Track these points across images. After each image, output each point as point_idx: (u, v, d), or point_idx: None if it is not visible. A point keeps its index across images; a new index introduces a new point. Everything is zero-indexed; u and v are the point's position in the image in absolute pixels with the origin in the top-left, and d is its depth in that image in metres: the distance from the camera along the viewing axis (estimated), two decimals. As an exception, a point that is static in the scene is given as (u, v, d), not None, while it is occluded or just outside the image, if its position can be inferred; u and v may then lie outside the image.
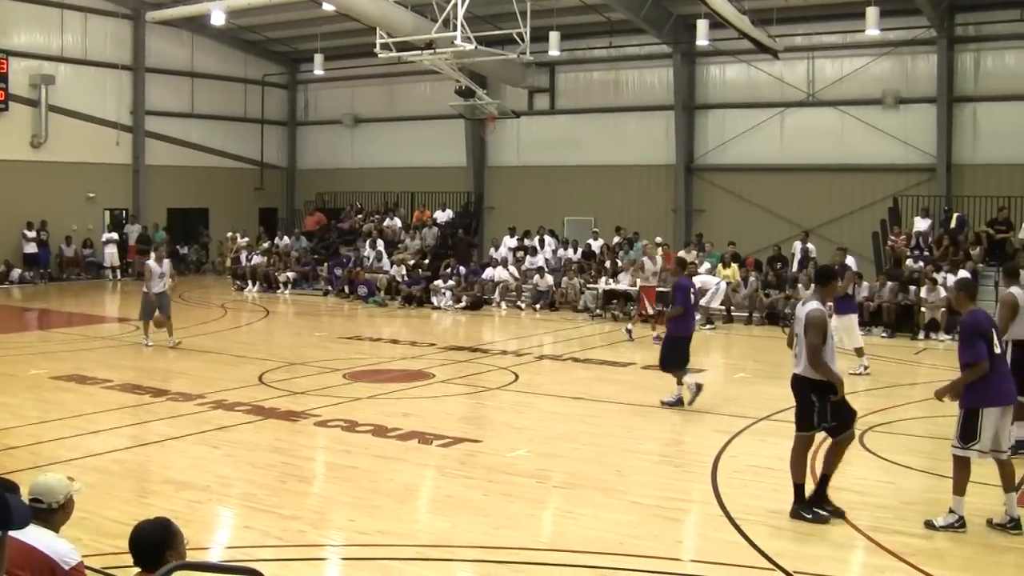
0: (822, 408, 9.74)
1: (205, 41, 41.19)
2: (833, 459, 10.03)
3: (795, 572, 8.22)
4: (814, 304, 9.82)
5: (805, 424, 9.91)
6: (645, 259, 24.12)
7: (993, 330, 9.67)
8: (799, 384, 9.93)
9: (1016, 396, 9.94)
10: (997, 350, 9.62)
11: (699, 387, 15.37)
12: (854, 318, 19.00)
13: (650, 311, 22.73)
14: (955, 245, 26.98)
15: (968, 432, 9.47)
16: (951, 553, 8.86)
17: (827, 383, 9.66)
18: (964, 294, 10.22)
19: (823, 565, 8.46)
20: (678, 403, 15.36)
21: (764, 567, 8.41)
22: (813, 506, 9.79)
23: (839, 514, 9.77)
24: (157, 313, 20.89)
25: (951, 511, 9.48)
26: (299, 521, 9.57)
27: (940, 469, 11.72)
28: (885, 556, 8.74)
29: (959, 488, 9.53)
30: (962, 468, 9.57)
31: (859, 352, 18.65)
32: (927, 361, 21.31)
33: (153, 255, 22.12)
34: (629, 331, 22.87)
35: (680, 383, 15.43)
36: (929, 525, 9.41)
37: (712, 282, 26.51)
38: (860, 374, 18.11)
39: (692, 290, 16.26)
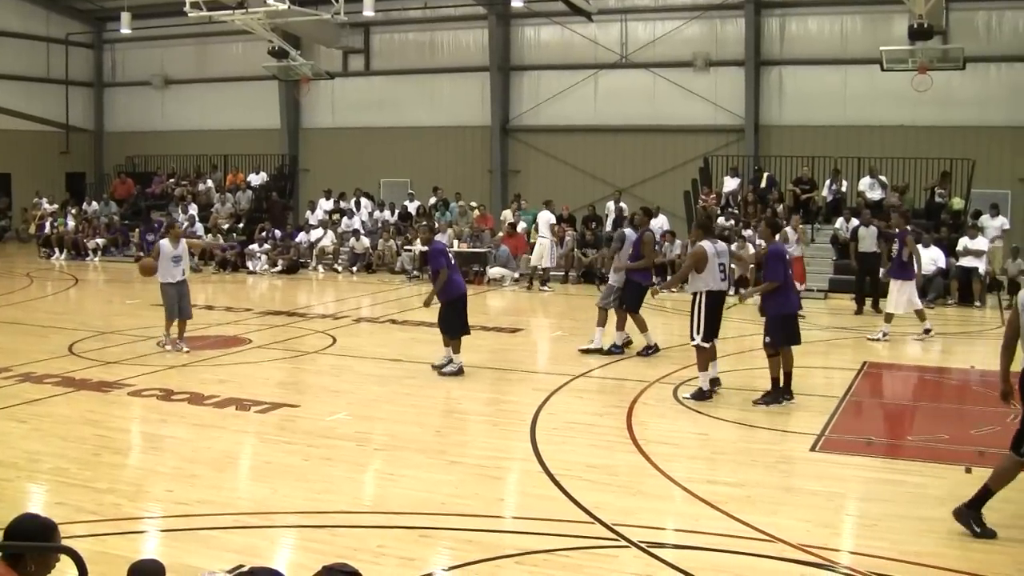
0: None
1: (2, -4, 39.37)
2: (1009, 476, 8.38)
3: (614, 524, 8.38)
4: None
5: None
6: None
7: None
8: None
9: None
10: None
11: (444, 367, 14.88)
12: (912, 284, 18.32)
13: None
14: (763, 203, 27.83)
15: None
16: (761, 499, 9.16)
17: None
18: None
19: (640, 516, 8.65)
20: (460, 372, 14.77)
21: (584, 520, 8.55)
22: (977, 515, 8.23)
23: (990, 535, 8.18)
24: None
25: None
26: (114, 494, 9.31)
27: (749, 420, 12.18)
28: (699, 505, 8.99)
29: None
30: None
31: (888, 318, 18.32)
32: (735, 316, 21.91)
33: (169, 233, 17.48)
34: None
35: (455, 349, 14.91)
36: None
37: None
38: (878, 340, 18.01)
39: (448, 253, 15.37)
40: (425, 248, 17.48)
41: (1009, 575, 7.39)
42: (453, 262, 15.26)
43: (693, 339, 13.24)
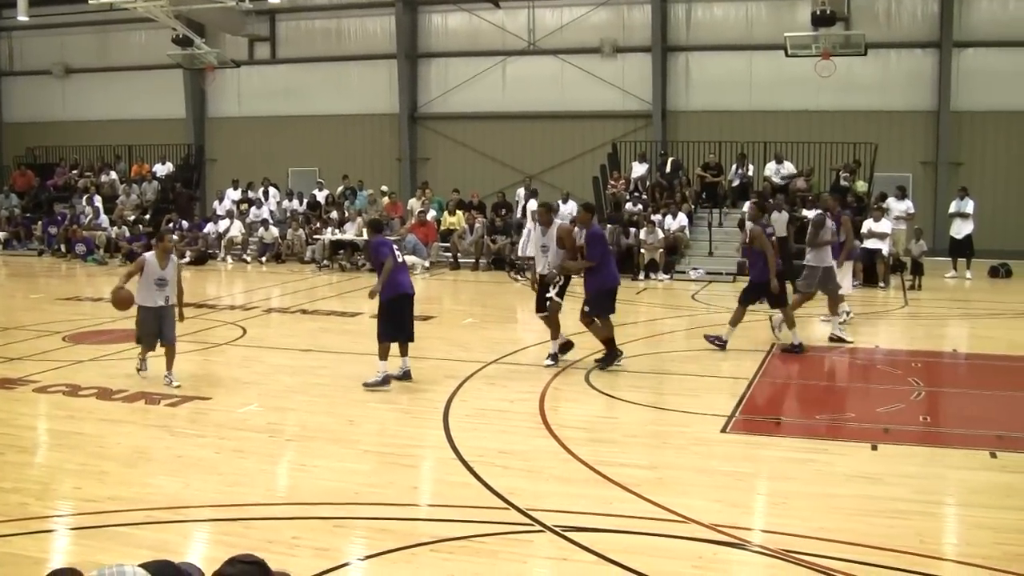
0: None
1: None
2: None
3: (528, 509, 8.41)
4: None
5: None
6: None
7: None
8: None
9: None
10: None
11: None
12: (848, 265, 18.63)
13: None
14: (670, 189, 28.10)
15: None
16: (673, 481, 9.25)
17: None
18: None
19: (554, 501, 8.68)
20: (385, 382, 13.36)
21: (498, 506, 8.57)
22: None
23: None
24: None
25: None
26: (20, 493, 9.11)
27: (660, 403, 12.31)
28: (612, 488, 9.05)
29: None
30: None
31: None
32: (646, 300, 22.10)
33: (156, 246, 14.68)
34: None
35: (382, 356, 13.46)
36: None
37: None
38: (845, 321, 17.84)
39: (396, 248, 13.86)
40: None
41: (913, 546, 7.54)
42: (401, 260, 13.75)
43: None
